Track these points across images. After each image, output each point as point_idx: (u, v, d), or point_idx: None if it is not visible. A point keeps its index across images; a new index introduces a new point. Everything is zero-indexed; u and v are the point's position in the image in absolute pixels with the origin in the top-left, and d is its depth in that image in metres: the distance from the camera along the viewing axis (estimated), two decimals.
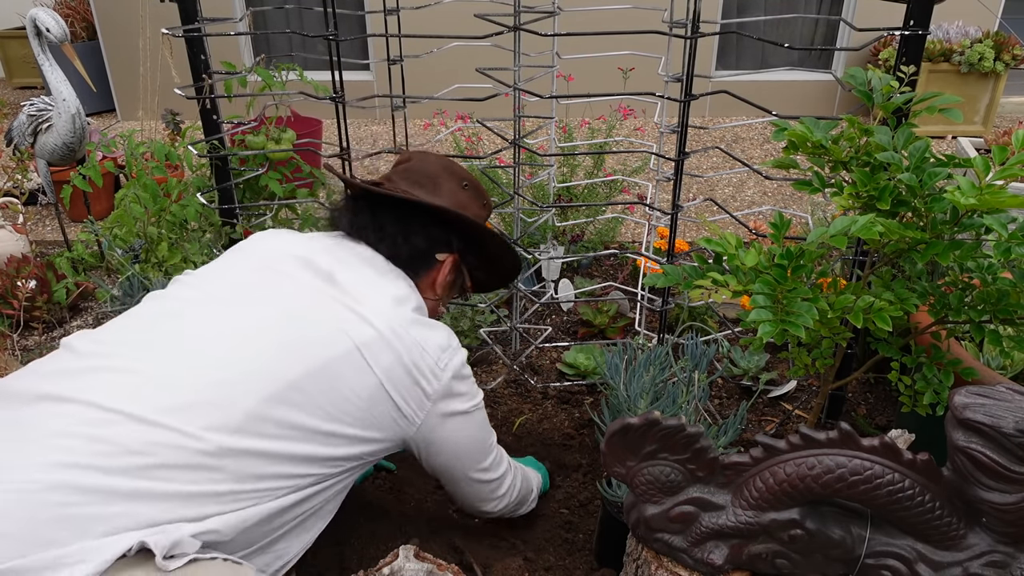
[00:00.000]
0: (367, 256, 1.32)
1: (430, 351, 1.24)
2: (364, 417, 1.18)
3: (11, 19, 5.90)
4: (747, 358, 2.17)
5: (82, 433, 1.00)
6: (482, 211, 1.48)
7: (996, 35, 4.61)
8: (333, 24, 1.76)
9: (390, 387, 1.19)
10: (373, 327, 1.19)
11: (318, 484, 1.17)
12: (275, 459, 1.10)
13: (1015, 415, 0.99)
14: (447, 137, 3.15)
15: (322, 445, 1.14)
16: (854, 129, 1.25)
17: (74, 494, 0.95)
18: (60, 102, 2.67)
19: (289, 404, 1.10)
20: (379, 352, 1.18)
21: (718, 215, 3.27)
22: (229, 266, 1.30)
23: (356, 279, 1.26)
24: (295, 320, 1.18)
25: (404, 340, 1.21)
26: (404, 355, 1.20)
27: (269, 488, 1.10)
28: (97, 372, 1.08)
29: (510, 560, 1.51)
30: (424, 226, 1.37)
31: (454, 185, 1.43)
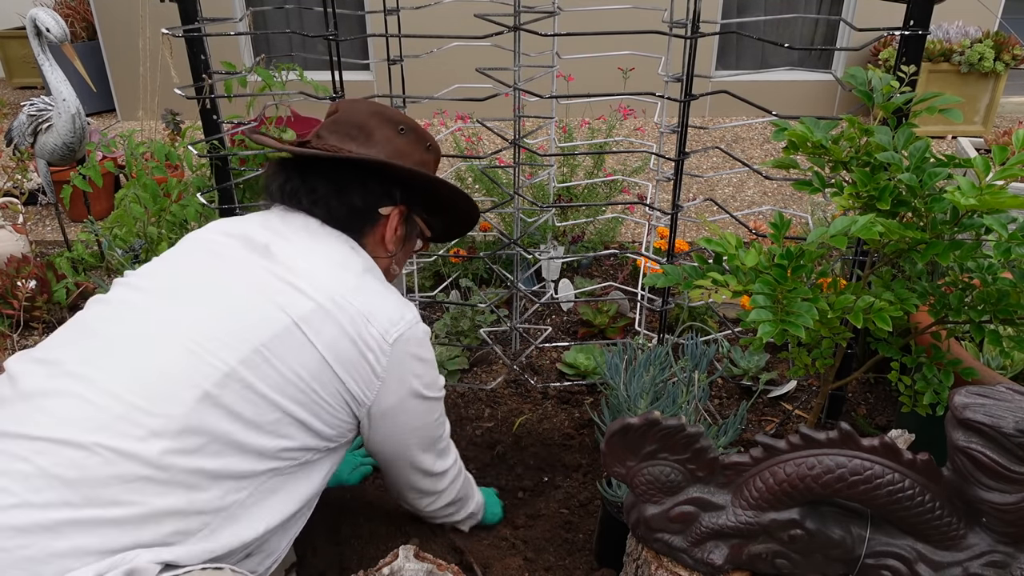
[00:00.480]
0: (303, 223, 1.23)
1: (376, 323, 1.15)
2: (312, 399, 1.11)
3: (11, 19, 5.90)
4: (747, 358, 2.17)
5: (15, 470, 0.94)
6: (426, 155, 1.35)
7: (996, 35, 4.61)
8: (333, 24, 1.76)
9: (334, 362, 1.12)
10: (311, 299, 1.12)
11: (283, 476, 1.12)
12: (226, 456, 1.03)
13: (1015, 415, 0.99)
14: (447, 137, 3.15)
15: (274, 435, 1.08)
16: (854, 129, 1.25)
17: (15, 537, 0.90)
18: (60, 102, 2.67)
19: (231, 394, 1.04)
20: (319, 325, 1.11)
21: (718, 215, 3.27)
22: (169, 260, 1.23)
23: (292, 249, 1.18)
24: (230, 305, 1.11)
25: (347, 310, 1.13)
26: (347, 326, 1.13)
27: (229, 491, 1.04)
28: (27, 399, 1.02)
29: (510, 560, 1.51)
30: (360, 182, 1.26)
31: (389, 132, 1.30)
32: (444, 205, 1.39)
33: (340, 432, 1.20)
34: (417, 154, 1.33)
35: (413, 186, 1.31)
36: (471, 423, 2.02)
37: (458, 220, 1.45)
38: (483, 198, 2.90)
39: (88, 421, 0.99)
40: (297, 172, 1.26)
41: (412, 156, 1.31)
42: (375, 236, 1.29)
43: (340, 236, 1.24)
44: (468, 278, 2.57)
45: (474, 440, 1.97)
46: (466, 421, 2.03)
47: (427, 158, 1.35)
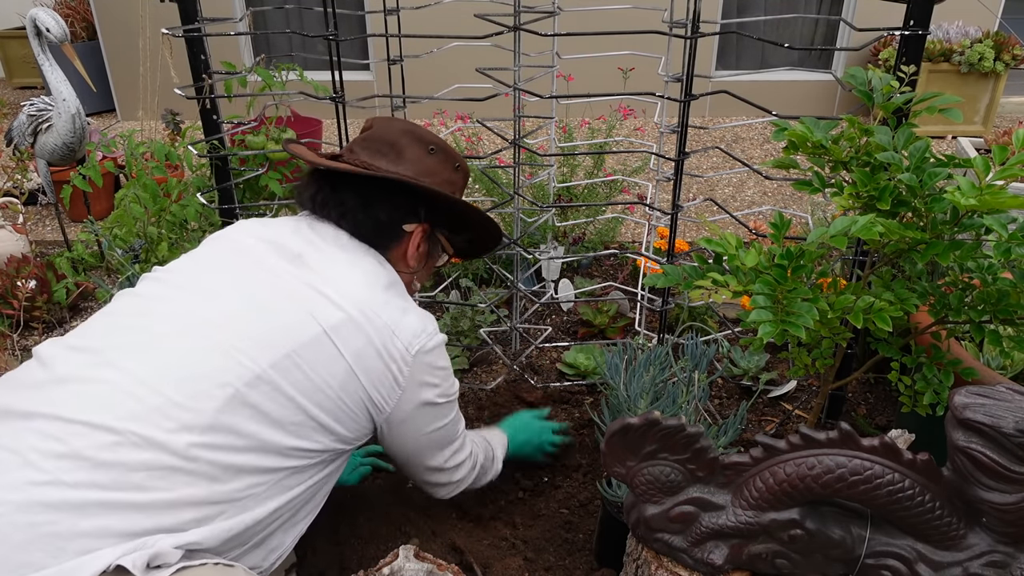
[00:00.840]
0: (333, 234, 1.27)
1: (401, 336, 1.20)
2: (338, 405, 1.16)
3: (11, 19, 5.90)
4: (747, 358, 2.17)
5: (48, 449, 0.97)
6: (454, 175, 1.39)
7: (996, 35, 4.61)
8: (333, 24, 1.76)
9: (361, 373, 1.16)
10: (342, 309, 1.16)
11: (300, 474, 1.15)
12: (250, 453, 1.07)
13: (1015, 415, 0.99)
14: (447, 137, 3.15)
15: (297, 436, 1.12)
16: (854, 129, 1.25)
17: (44, 512, 0.93)
18: (60, 102, 2.67)
19: (260, 395, 1.08)
20: (348, 336, 1.15)
21: (718, 215, 3.27)
22: (198, 258, 1.26)
23: (324, 260, 1.22)
24: (263, 308, 1.15)
25: (374, 323, 1.17)
26: (375, 338, 1.17)
27: (249, 486, 1.08)
28: (64, 383, 1.06)
29: (510, 560, 1.51)
30: (387, 198, 1.30)
31: (419, 151, 1.35)
32: (467, 225, 1.43)
33: (359, 436, 1.24)
34: (445, 173, 1.37)
35: (438, 205, 1.35)
36: (471, 423, 2.02)
37: (480, 240, 1.51)
38: (483, 198, 2.90)
39: (123, 408, 1.02)
40: (328, 184, 1.31)
41: (440, 175, 1.36)
42: (398, 251, 1.33)
43: (368, 250, 1.28)
44: (468, 278, 2.57)
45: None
46: (466, 421, 2.03)
47: (455, 177, 1.39)
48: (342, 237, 1.27)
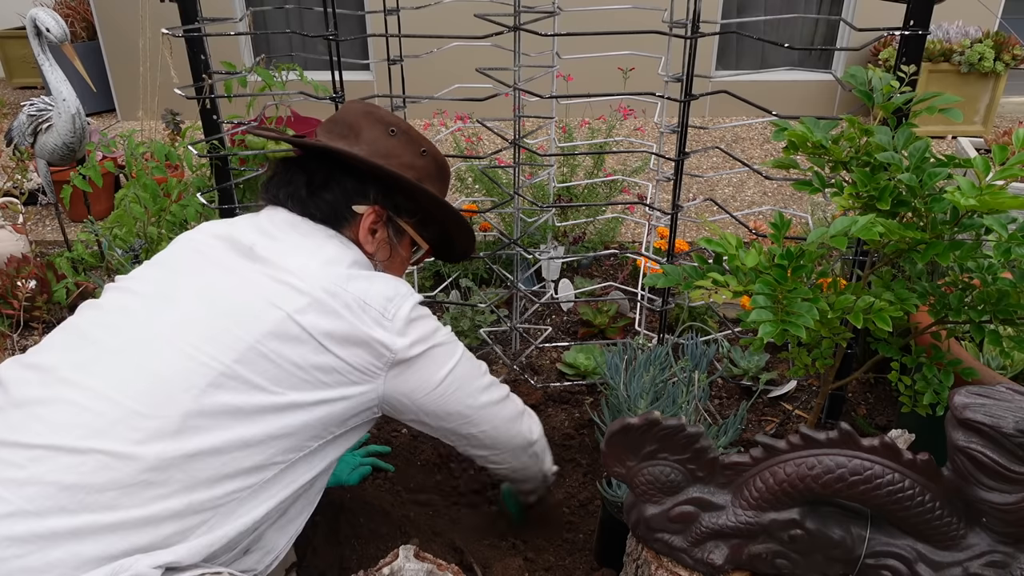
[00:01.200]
0: (288, 220, 1.23)
1: (373, 303, 1.15)
2: (313, 383, 1.10)
3: (11, 19, 5.90)
4: (747, 358, 2.17)
5: (11, 478, 0.94)
6: (417, 159, 1.32)
7: (996, 35, 4.61)
8: (333, 24, 1.76)
9: (337, 349, 1.11)
10: (304, 293, 1.11)
11: (288, 472, 1.11)
12: (226, 452, 1.03)
13: (1015, 415, 0.99)
14: (447, 137, 3.15)
15: (274, 419, 1.07)
16: (854, 129, 1.25)
17: (11, 547, 0.90)
18: (60, 102, 2.67)
19: (227, 392, 1.03)
20: (313, 316, 1.10)
21: (718, 215, 3.27)
22: (159, 262, 1.22)
23: (280, 247, 1.18)
24: (220, 305, 1.11)
25: (342, 297, 1.13)
26: (344, 313, 1.12)
27: (230, 492, 1.04)
28: (20, 406, 1.02)
29: (510, 560, 1.51)
30: (334, 178, 1.25)
31: (377, 132, 1.29)
32: (430, 214, 1.35)
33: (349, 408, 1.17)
34: (406, 157, 1.30)
35: (390, 187, 1.28)
36: None
37: (454, 236, 1.43)
38: (483, 198, 2.90)
39: (84, 427, 0.98)
40: (284, 169, 1.28)
41: (399, 158, 1.29)
42: (352, 235, 1.27)
43: (328, 232, 1.23)
44: (468, 278, 2.57)
45: None
46: None
47: (419, 163, 1.33)
48: (298, 222, 1.23)
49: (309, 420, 1.11)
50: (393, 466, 1.84)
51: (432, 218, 1.36)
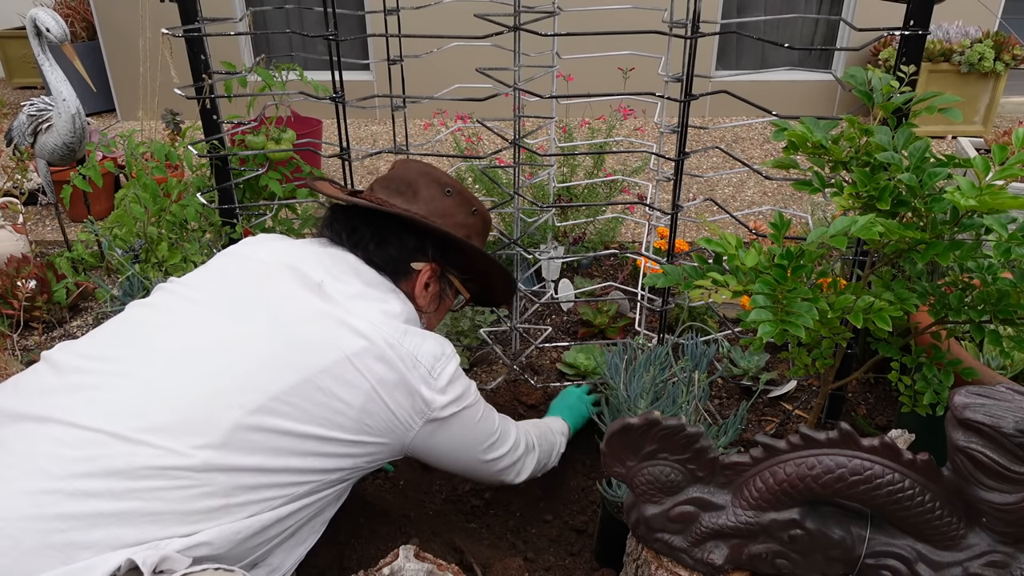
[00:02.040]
0: (354, 265, 1.30)
1: (423, 360, 1.22)
2: (357, 426, 1.16)
3: (11, 19, 5.90)
4: (747, 358, 2.17)
5: (63, 455, 0.98)
6: (469, 218, 1.43)
7: (996, 35, 4.61)
8: (333, 24, 1.76)
9: (385, 396, 1.17)
10: (365, 338, 1.17)
11: (313, 495, 1.16)
12: (265, 472, 1.08)
13: (1015, 415, 0.99)
14: (447, 137, 3.15)
15: (313, 456, 1.13)
16: (854, 129, 1.25)
17: (57, 520, 0.93)
18: (60, 102, 2.67)
19: (277, 416, 1.08)
20: (372, 362, 1.16)
21: (718, 215, 3.27)
22: (217, 273, 1.28)
23: (346, 291, 1.24)
24: (283, 332, 1.16)
25: (397, 350, 1.19)
26: (399, 365, 1.18)
27: (263, 499, 1.08)
28: (78, 390, 1.06)
29: (510, 560, 1.51)
30: (397, 235, 1.34)
31: (434, 191, 1.39)
32: (477, 270, 1.45)
33: (378, 455, 1.24)
34: (460, 216, 1.40)
35: (447, 245, 1.37)
36: None
37: (493, 287, 1.52)
38: (483, 198, 2.90)
39: (139, 420, 1.02)
40: (345, 216, 1.36)
41: (454, 217, 1.39)
42: (409, 288, 1.35)
43: (387, 283, 1.31)
44: None
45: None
46: None
47: (471, 221, 1.43)
48: (362, 269, 1.30)
49: (345, 460, 1.17)
50: (393, 466, 1.84)
51: (476, 270, 1.45)
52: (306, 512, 1.17)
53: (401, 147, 2.15)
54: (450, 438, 1.29)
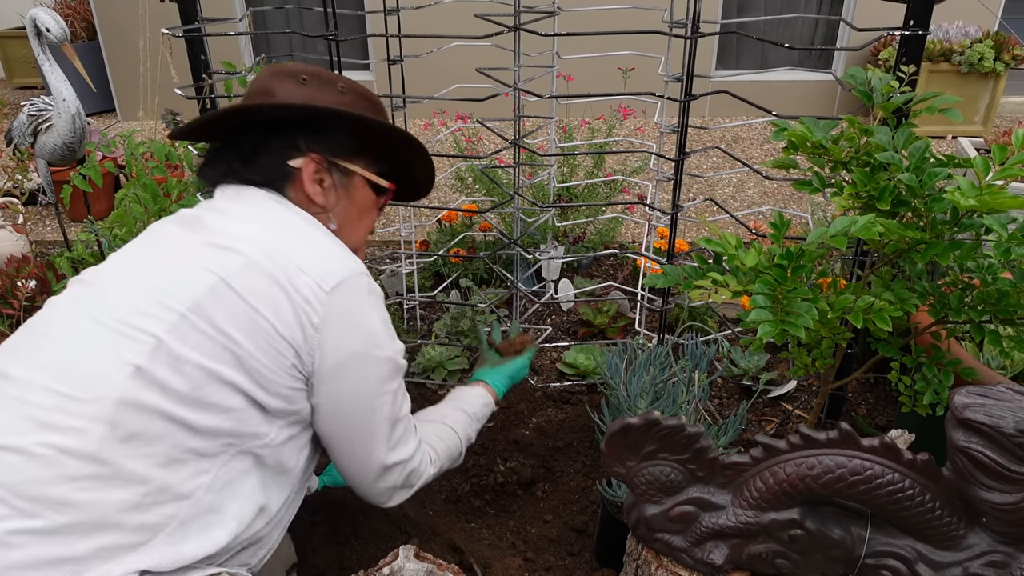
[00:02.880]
0: (234, 192, 1.17)
1: (310, 272, 1.06)
2: (252, 364, 1.03)
3: (11, 19, 5.90)
4: (747, 358, 2.17)
5: None
6: (340, 97, 1.23)
7: (996, 35, 4.61)
8: (333, 24, 1.76)
9: (270, 315, 1.03)
10: (241, 254, 1.05)
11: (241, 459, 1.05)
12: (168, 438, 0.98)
13: (1015, 415, 0.99)
14: (447, 137, 3.15)
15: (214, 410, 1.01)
16: (854, 129, 1.25)
17: None
18: (60, 102, 2.67)
19: (163, 367, 0.98)
20: (249, 278, 1.04)
21: (718, 215, 3.27)
22: (114, 255, 1.18)
23: (226, 218, 1.13)
24: (154, 277, 1.06)
25: (277, 260, 1.05)
26: (279, 276, 1.05)
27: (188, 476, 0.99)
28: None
29: (510, 560, 1.52)
30: (262, 141, 1.19)
31: (290, 85, 1.21)
32: (374, 145, 1.26)
33: (291, 404, 1.09)
34: (329, 97, 1.21)
35: (318, 128, 1.20)
36: None
37: (407, 164, 1.32)
38: (483, 198, 2.90)
39: (22, 422, 0.95)
40: (214, 151, 1.24)
41: (319, 102, 1.20)
42: (301, 195, 1.19)
43: (272, 196, 1.17)
44: (468, 278, 2.57)
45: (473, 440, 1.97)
46: None
47: (345, 99, 1.23)
48: (242, 192, 1.17)
49: (250, 405, 1.04)
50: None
51: (379, 148, 1.27)
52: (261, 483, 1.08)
53: None
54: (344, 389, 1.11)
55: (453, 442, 1.37)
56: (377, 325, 1.13)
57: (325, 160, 1.21)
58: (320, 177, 1.20)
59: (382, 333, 1.14)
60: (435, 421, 1.38)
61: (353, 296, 1.10)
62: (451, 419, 1.41)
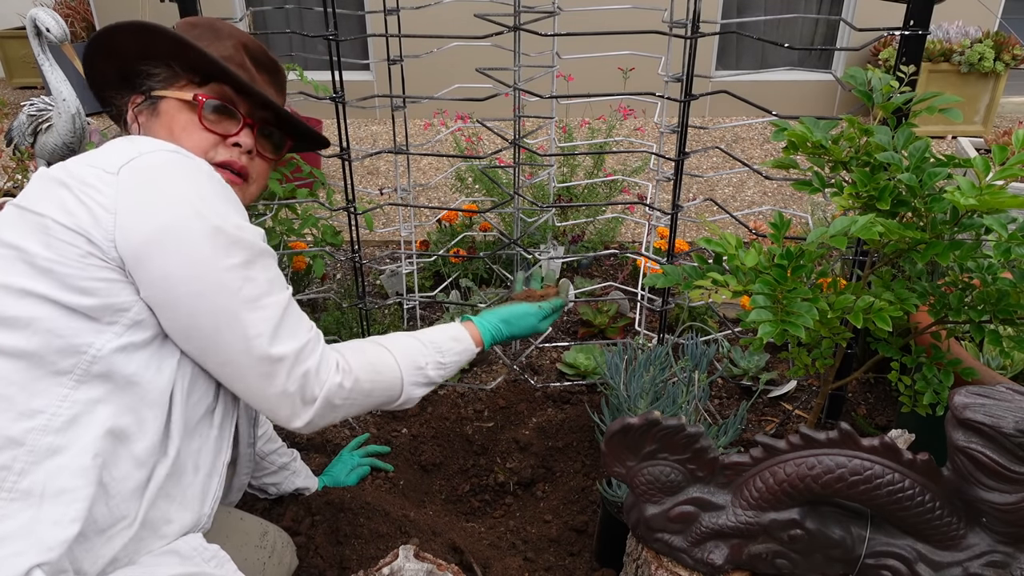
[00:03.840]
0: None
1: (99, 161, 0.99)
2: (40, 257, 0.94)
3: (11, 19, 5.90)
4: (747, 358, 2.17)
5: None
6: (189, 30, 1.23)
7: (996, 35, 4.61)
8: (333, 24, 1.76)
9: (53, 211, 0.95)
10: (39, 176, 1.01)
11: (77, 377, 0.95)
12: None
13: (1015, 415, 0.99)
14: (447, 137, 3.15)
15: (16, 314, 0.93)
16: (854, 129, 1.25)
17: None
18: (60, 102, 2.67)
19: None
20: (37, 191, 0.98)
21: (718, 215, 3.27)
22: None
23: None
24: None
25: (68, 167, 0.99)
26: (64, 177, 0.97)
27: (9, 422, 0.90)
28: None
29: (510, 560, 1.52)
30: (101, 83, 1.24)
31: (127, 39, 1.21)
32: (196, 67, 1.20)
33: (107, 298, 0.96)
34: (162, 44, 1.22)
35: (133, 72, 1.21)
36: (470, 423, 2.02)
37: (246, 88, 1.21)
38: (483, 198, 2.90)
39: None
40: None
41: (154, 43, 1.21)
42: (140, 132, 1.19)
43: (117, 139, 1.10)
44: (468, 278, 2.57)
45: (474, 440, 1.97)
46: (466, 421, 2.03)
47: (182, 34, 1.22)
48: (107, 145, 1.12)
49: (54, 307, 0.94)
50: (392, 466, 1.84)
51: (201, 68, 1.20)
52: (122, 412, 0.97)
53: (401, 147, 2.15)
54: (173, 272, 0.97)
55: (381, 360, 1.18)
56: (188, 193, 0.99)
57: (145, 96, 1.20)
58: (137, 112, 1.20)
59: (198, 202, 0.99)
60: (363, 341, 1.23)
61: (148, 170, 0.99)
62: (389, 340, 1.23)
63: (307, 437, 1.97)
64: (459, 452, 1.94)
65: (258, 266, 1.04)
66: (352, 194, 1.90)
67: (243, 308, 1.01)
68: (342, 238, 2.16)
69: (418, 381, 1.23)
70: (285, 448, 1.61)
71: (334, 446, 1.94)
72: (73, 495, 0.91)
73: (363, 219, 2.12)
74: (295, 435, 1.97)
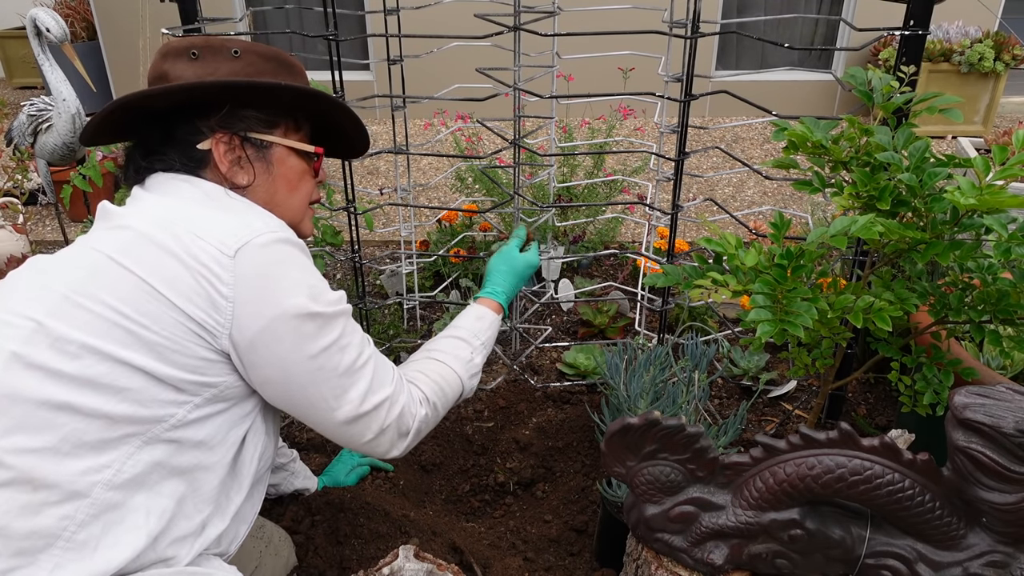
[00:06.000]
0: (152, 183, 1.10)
1: (210, 236, 0.97)
2: (147, 338, 0.95)
3: (11, 19, 5.90)
4: (747, 358, 2.17)
5: None
6: (234, 63, 1.12)
7: (996, 35, 4.61)
8: (333, 24, 1.76)
9: (161, 286, 0.95)
10: (129, 229, 0.99)
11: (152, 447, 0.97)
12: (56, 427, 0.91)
13: (1015, 415, 0.99)
14: (447, 137, 3.15)
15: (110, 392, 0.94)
16: (854, 129, 1.25)
17: None
18: (60, 102, 2.67)
19: (44, 350, 0.92)
20: (138, 251, 0.96)
21: (718, 215, 3.27)
22: None
23: (134, 203, 1.07)
24: (46, 266, 1.01)
25: (172, 230, 0.97)
26: (172, 245, 0.96)
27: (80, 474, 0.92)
28: None
29: (510, 560, 1.52)
30: (169, 133, 1.11)
31: (180, 65, 1.11)
32: (284, 106, 1.16)
33: (204, 376, 1.00)
34: (221, 68, 1.12)
35: (214, 105, 1.11)
36: (471, 423, 2.02)
37: (333, 123, 1.24)
38: (483, 198, 2.90)
39: None
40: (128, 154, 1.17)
41: (214, 74, 1.11)
42: (217, 174, 1.12)
43: (184, 177, 1.10)
44: (468, 278, 2.56)
45: (474, 440, 1.97)
46: (466, 421, 2.03)
47: (237, 66, 1.13)
48: (160, 181, 1.10)
49: (153, 382, 0.96)
50: (392, 466, 1.84)
51: (293, 110, 1.18)
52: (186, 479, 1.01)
53: (401, 147, 2.14)
54: (280, 358, 1.01)
55: (442, 374, 1.27)
56: (300, 285, 1.03)
57: (235, 136, 1.12)
58: (235, 156, 1.12)
59: (307, 290, 1.04)
60: (419, 358, 1.29)
61: (263, 255, 1.00)
62: (437, 349, 1.31)
63: (307, 437, 1.97)
64: (459, 452, 1.94)
65: (348, 330, 1.10)
66: (352, 194, 1.90)
67: (345, 379, 1.08)
68: (342, 238, 2.16)
69: (472, 373, 1.34)
70: (285, 449, 1.61)
71: (334, 446, 1.94)
72: (123, 550, 0.95)
73: (363, 219, 2.12)
74: (295, 435, 1.97)
